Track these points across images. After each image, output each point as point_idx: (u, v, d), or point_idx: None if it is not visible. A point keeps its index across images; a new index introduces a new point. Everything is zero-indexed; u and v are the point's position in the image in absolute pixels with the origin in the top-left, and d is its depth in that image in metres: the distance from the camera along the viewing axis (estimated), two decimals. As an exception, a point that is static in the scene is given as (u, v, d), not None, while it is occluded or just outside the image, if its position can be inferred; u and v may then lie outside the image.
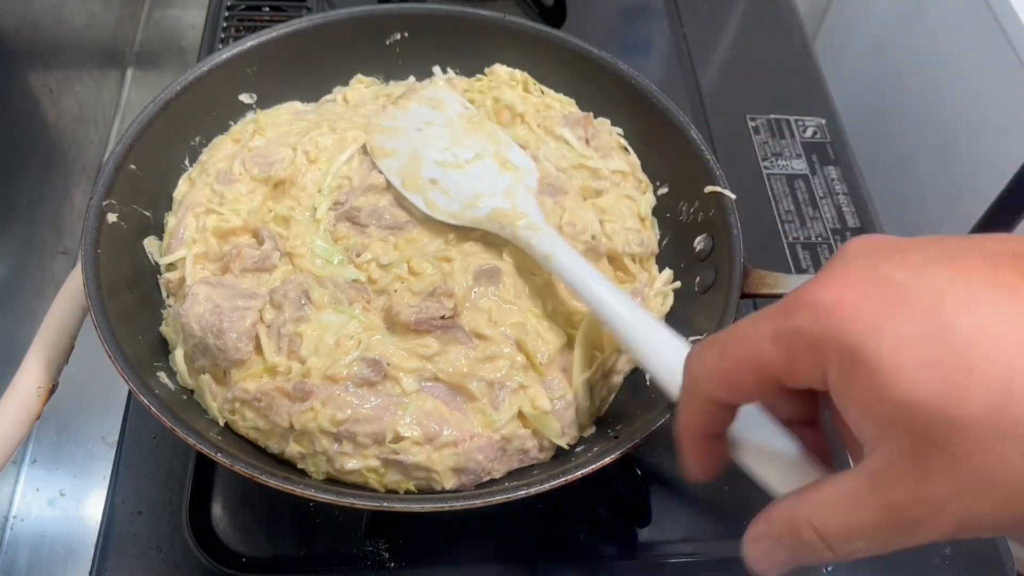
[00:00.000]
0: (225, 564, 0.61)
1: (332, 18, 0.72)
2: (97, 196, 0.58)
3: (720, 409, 0.40)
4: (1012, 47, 1.00)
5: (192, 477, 0.64)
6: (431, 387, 0.54)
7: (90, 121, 0.99)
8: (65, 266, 0.91)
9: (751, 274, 0.60)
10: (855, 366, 0.32)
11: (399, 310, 0.56)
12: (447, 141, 0.67)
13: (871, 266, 0.33)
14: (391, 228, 0.62)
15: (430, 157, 0.66)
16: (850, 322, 0.32)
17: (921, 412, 0.30)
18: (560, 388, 0.56)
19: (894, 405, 0.31)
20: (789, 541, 0.36)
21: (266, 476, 0.48)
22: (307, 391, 0.52)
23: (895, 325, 0.31)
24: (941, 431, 0.30)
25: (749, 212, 0.65)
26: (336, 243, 0.62)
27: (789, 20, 1.07)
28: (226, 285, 0.57)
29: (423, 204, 0.63)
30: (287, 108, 0.72)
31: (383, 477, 0.53)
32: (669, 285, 0.64)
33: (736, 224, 0.62)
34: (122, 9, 1.11)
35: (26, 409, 0.56)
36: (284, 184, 0.64)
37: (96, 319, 0.52)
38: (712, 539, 0.66)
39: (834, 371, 0.33)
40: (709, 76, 1.01)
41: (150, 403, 0.50)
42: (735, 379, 0.37)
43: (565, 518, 0.66)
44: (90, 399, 0.82)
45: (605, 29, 1.08)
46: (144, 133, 0.62)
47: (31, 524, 0.76)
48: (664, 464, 0.67)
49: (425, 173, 0.64)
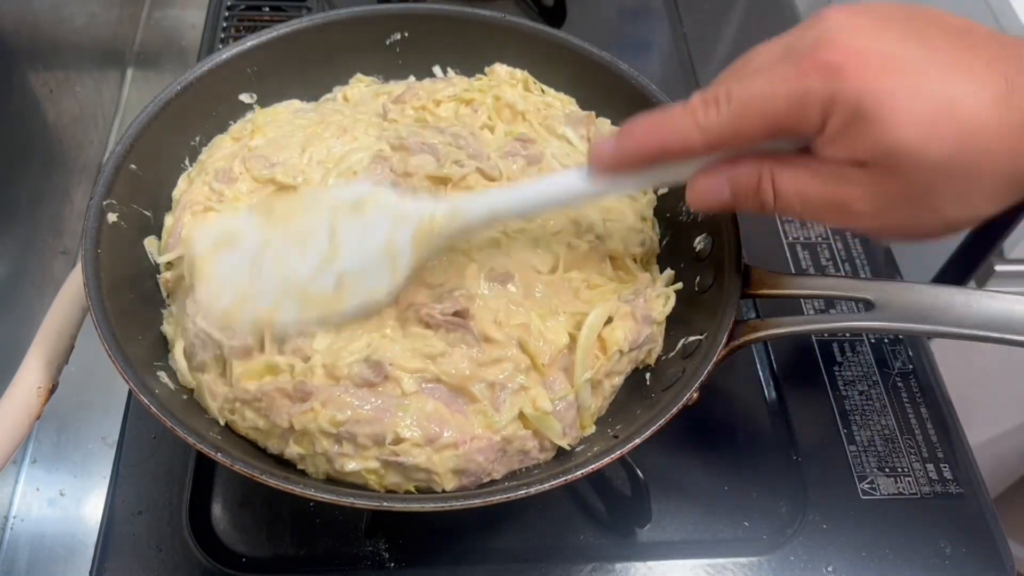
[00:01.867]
0: (225, 564, 0.61)
1: (332, 18, 0.72)
2: (97, 196, 0.58)
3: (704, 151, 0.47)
4: (1012, 47, 1.00)
5: (192, 477, 0.65)
6: (432, 388, 0.54)
7: (90, 121, 0.99)
8: (65, 266, 0.91)
9: (751, 274, 0.60)
10: (855, 118, 0.41)
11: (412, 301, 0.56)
12: (295, 253, 0.55)
13: (864, 37, 0.42)
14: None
15: (305, 274, 0.54)
16: (856, 83, 0.41)
17: (899, 154, 0.41)
18: (562, 389, 0.56)
19: (880, 147, 0.41)
20: (743, 184, 0.47)
21: (266, 476, 0.48)
22: (307, 392, 0.52)
23: (891, 87, 0.41)
24: (908, 167, 0.41)
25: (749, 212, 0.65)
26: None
27: (789, 20, 1.07)
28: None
29: (360, 306, 0.54)
30: (286, 106, 0.72)
31: (383, 478, 0.53)
32: (671, 286, 0.64)
33: (736, 224, 0.62)
34: (122, 9, 1.10)
35: (26, 409, 0.56)
36: (290, 189, 0.64)
37: (96, 319, 0.52)
38: (712, 539, 0.65)
39: (835, 122, 0.42)
40: (709, 76, 1.01)
41: (150, 403, 0.50)
42: (747, 133, 0.45)
43: (565, 518, 0.66)
44: (90, 399, 0.82)
45: (605, 29, 1.08)
46: (144, 133, 0.62)
47: (31, 524, 0.76)
48: (664, 464, 0.67)
49: (323, 288, 0.54)
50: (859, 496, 0.68)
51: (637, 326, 0.59)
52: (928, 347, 0.78)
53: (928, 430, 0.72)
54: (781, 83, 0.43)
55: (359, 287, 0.53)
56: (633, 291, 0.62)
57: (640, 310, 0.60)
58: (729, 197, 0.48)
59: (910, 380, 0.75)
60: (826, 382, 0.75)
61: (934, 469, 0.70)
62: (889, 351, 0.77)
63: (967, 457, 0.71)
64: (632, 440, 0.52)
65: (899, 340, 0.77)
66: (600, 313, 0.58)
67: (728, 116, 0.45)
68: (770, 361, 0.76)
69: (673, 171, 0.50)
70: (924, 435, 0.72)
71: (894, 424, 0.72)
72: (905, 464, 0.70)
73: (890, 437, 0.71)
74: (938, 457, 0.70)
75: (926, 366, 0.76)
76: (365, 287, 0.54)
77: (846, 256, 0.83)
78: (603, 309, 0.59)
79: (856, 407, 0.73)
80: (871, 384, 0.74)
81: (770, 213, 0.47)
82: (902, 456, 0.70)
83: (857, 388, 0.74)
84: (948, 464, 0.70)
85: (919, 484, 0.69)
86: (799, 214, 0.47)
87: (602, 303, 0.59)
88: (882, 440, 0.71)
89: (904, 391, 0.74)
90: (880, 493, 0.68)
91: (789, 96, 0.42)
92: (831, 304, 0.79)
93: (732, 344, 0.57)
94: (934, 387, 0.75)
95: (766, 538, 0.66)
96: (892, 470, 0.69)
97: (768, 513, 0.67)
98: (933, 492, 0.68)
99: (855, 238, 0.85)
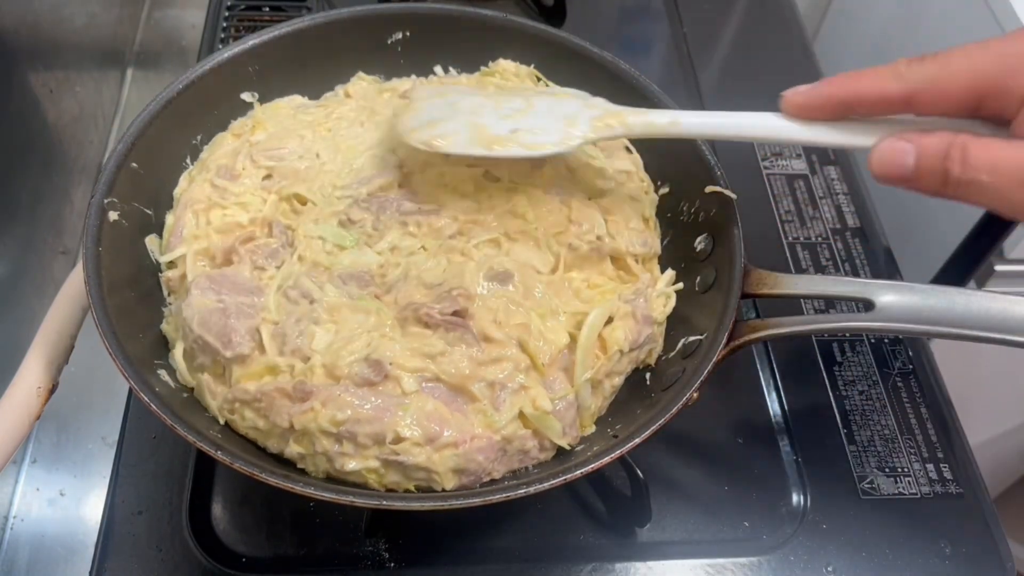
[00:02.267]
0: (225, 564, 0.61)
1: (333, 17, 0.72)
2: (99, 194, 0.58)
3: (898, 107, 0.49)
4: (1012, 48, 1.00)
5: (192, 477, 0.65)
6: (432, 388, 0.54)
7: (90, 121, 0.99)
8: (65, 266, 0.91)
9: (751, 274, 0.60)
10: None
11: (411, 300, 0.56)
12: (490, 104, 0.64)
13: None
14: (408, 214, 0.62)
15: (490, 120, 0.62)
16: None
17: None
18: (562, 388, 0.56)
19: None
20: (931, 151, 0.46)
21: (266, 474, 0.48)
22: (307, 391, 0.52)
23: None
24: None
25: (749, 212, 0.65)
26: (353, 225, 0.61)
27: (789, 20, 1.07)
28: (228, 278, 0.57)
29: (524, 150, 0.59)
30: (287, 102, 0.72)
31: (383, 478, 0.53)
32: (671, 287, 0.64)
33: (736, 224, 0.62)
34: (122, 9, 1.10)
35: (26, 409, 0.56)
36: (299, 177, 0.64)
37: (97, 316, 0.52)
38: (712, 539, 0.66)
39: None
40: (709, 76, 1.01)
41: (150, 401, 0.50)
42: (948, 87, 0.46)
43: (565, 518, 0.66)
44: (90, 399, 0.82)
45: (605, 29, 1.08)
46: (146, 131, 0.62)
47: (31, 524, 0.76)
48: (664, 464, 0.67)
49: (499, 132, 0.60)
50: (859, 496, 0.68)
51: (637, 326, 0.59)
52: (928, 347, 0.78)
53: (928, 430, 0.72)
54: (995, 46, 0.45)
55: (529, 138, 0.60)
56: (634, 291, 0.62)
57: (640, 310, 0.60)
58: (912, 166, 0.47)
59: (910, 380, 0.75)
60: (826, 382, 0.75)
61: (934, 469, 0.70)
62: (889, 351, 0.77)
63: (967, 457, 0.71)
64: (632, 440, 0.52)
65: (899, 340, 0.77)
66: (600, 313, 0.58)
67: (931, 64, 0.45)
68: (770, 361, 0.76)
69: (862, 131, 0.51)
70: (924, 435, 0.72)
71: (894, 424, 0.72)
72: (905, 464, 0.70)
73: (890, 437, 0.71)
74: (938, 457, 0.71)
75: (926, 366, 0.76)
76: (534, 139, 0.60)
77: (846, 256, 0.83)
78: (603, 309, 0.59)
79: (856, 407, 0.73)
80: (871, 384, 0.75)
81: (950, 191, 0.47)
82: (902, 456, 0.70)
83: (857, 388, 0.74)
84: (948, 464, 0.70)
85: (919, 484, 0.69)
86: (980, 189, 0.46)
87: (602, 303, 0.59)
88: (882, 440, 0.71)
89: (904, 391, 0.74)
90: (880, 493, 0.68)
91: (1000, 57, 0.44)
92: (831, 304, 0.79)
93: (732, 344, 0.57)
94: (934, 387, 0.75)
95: (766, 538, 0.66)
96: (892, 470, 0.69)
97: (768, 513, 0.67)
98: (933, 492, 0.68)
99: (855, 238, 0.85)
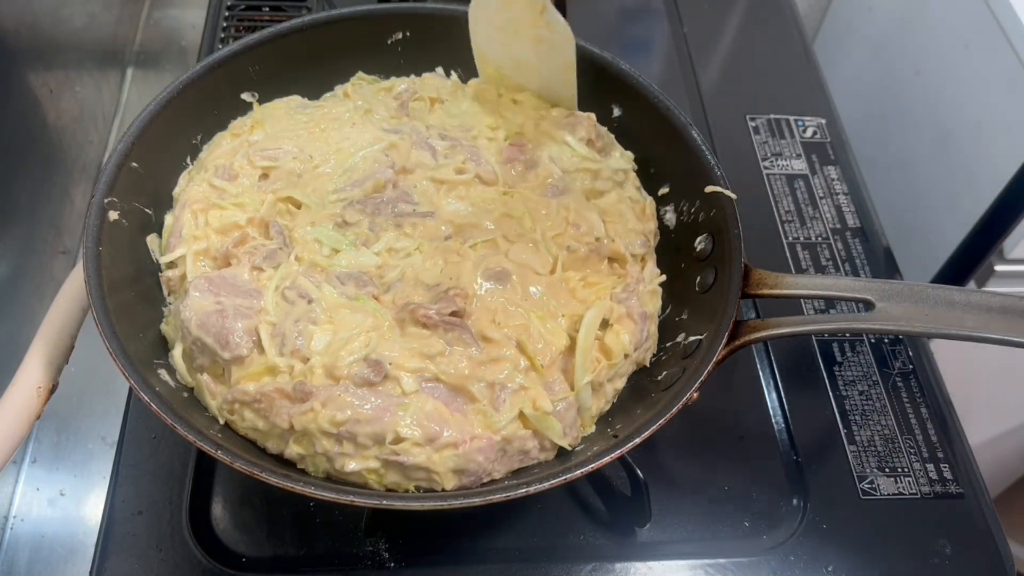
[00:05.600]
0: (225, 564, 0.61)
1: (334, 17, 0.72)
2: (99, 194, 0.58)
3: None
4: (1012, 47, 1.00)
5: (192, 477, 0.65)
6: (431, 388, 0.54)
7: (90, 121, 0.99)
8: (65, 266, 0.91)
9: (751, 274, 0.60)
10: None
11: (409, 301, 0.55)
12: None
13: None
14: (403, 216, 0.62)
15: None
16: None
17: None
18: (562, 390, 0.56)
19: None
20: None
21: (267, 473, 0.48)
22: (307, 392, 0.52)
23: None
24: None
25: (749, 212, 0.65)
26: (349, 227, 0.62)
27: (789, 20, 1.07)
28: (226, 280, 0.57)
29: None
30: (285, 102, 0.72)
31: (383, 478, 0.53)
32: (656, 280, 0.65)
33: (736, 224, 0.62)
34: (122, 9, 1.10)
35: (26, 409, 0.56)
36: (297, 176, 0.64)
37: (97, 316, 0.52)
38: (712, 539, 0.65)
39: None
40: (709, 76, 1.01)
41: (150, 400, 0.50)
42: None
43: (565, 518, 0.66)
44: (90, 399, 0.82)
45: (605, 29, 1.08)
46: (146, 131, 0.62)
47: (31, 524, 0.76)
48: (664, 464, 0.67)
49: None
50: (859, 496, 0.68)
51: (637, 326, 0.60)
52: (928, 347, 0.78)
53: (928, 430, 0.72)
54: None
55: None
56: (624, 288, 0.61)
57: (635, 309, 0.60)
58: None
59: (910, 380, 0.75)
60: (826, 382, 0.75)
61: (934, 469, 0.70)
62: (889, 351, 0.77)
63: (967, 457, 0.71)
64: (632, 440, 0.52)
65: (899, 340, 0.77)
66: (595, 313, 0.58)
67: None
68: (770, 361, 0.76)
69: None
70: (924, 435, 0.72)
71: (894, 424, 0.72)
72: (905, 464, 0.70)
73: (890, 437, 0.71)
74: (938, 457, 0.70)
75: (926, 366, 0.76)
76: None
77: (846, 256, 0.83)
78: (598, 309, 0.59)
79: (856, 407, 0.73)
80: (871, 384, 0.75)
81: None
82: (902, 456, 0.70)
83: (857, 388, 0.74)
84: (948, 464, 0.70)
85: (919, 484, 0.69)
86: None
87: (597, 303, 0.59)
88: (882, 440, 0.71)
89: (904, 391, 0.74)
90: (880, 493, 0.68)
91: None
92: (831, 304, 0.79)
93: (732, 344, 0.57)
94: (934, 387, 0.75)
95: (766, 538, 0.66)
96: (892, 470, 0.69)
97: (768, 513, 0.67)
98: (933, 492, 0.68)
99: (855, 238, 0.85)
